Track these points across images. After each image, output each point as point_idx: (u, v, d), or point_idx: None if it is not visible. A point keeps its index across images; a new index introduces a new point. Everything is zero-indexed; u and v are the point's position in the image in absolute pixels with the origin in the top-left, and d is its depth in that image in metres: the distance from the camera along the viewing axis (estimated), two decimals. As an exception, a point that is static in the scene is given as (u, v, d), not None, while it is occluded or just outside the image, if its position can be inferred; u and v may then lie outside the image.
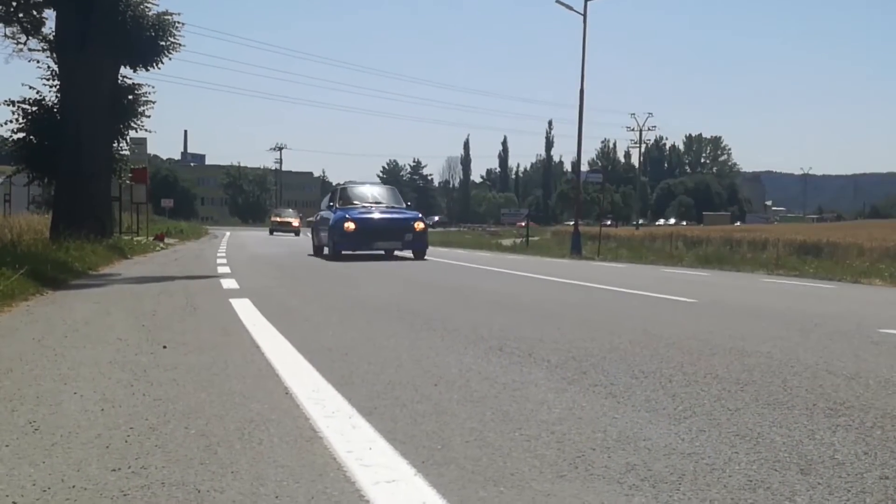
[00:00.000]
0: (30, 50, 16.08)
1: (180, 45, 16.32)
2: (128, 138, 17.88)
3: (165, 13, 16.10)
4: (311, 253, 16.62)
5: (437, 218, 79.49)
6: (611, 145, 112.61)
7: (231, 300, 6.20)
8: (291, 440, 2.23)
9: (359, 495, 1.79)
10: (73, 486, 1.83)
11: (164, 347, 3.86)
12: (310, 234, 16.86)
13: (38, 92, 15.96)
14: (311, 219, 18.98)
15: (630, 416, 2.59)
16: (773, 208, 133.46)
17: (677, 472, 1.99)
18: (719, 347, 4.11)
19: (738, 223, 71.49)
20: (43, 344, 3.95)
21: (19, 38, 15.99)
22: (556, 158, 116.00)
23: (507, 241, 33.52)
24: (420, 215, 15.72)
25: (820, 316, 5.90)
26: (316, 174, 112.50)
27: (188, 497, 1.77)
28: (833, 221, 73.13)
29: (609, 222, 67.45)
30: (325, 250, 15.57)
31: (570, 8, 23.06)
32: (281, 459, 2.05)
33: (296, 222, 40.98)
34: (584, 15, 22.97)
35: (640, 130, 68.04)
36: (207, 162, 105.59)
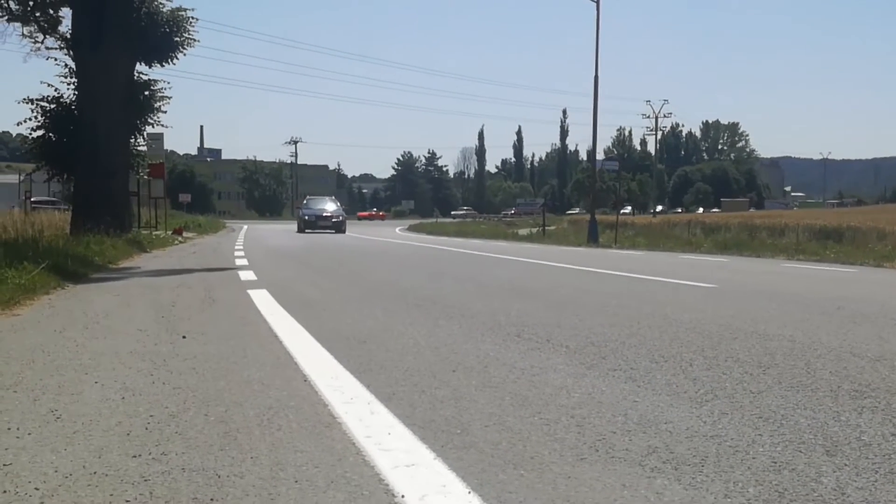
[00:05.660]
0: (47, 48, 16.20)
1: (195, 40, 16.39)
2: (145, 134, 17.98)
3: (179, 9, 16.17)
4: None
5: (465, 209, 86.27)
6: (626, 133, 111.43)
7: (249, 291, 6.23)
8: (310, 426, 2.23)
9: (378, 479, 1.78)
10: (95, 473, 1.84)
11: (184, 338, 3.88)
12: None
13: (56, 89, 16.08)
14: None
15: (651, 399, 2.56)
16: (793, 194, 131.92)
17: (700, 455, 1.96)
18: (740, 331, 4.06)
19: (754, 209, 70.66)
20: (64, 335, 3.98)
21: (36, 36, 16.11)
22: (571, 147, 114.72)
23: (523, 231, 33.43)
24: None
25: (842, 299, 5.82)
26: (331, 167, 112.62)
27: (208, 482, 1.77)
28: (853, 206, 72.03)
29: (660, 209, 66.62)
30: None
31: (584, -6, 22.85)
32: (300, 445, 2.04)
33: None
34: (598, 1, 22.77)
35: (656, 117, 67.34)
36: (224, 157, 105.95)
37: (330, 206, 29.49)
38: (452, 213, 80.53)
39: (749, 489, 1.72)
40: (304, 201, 31.05)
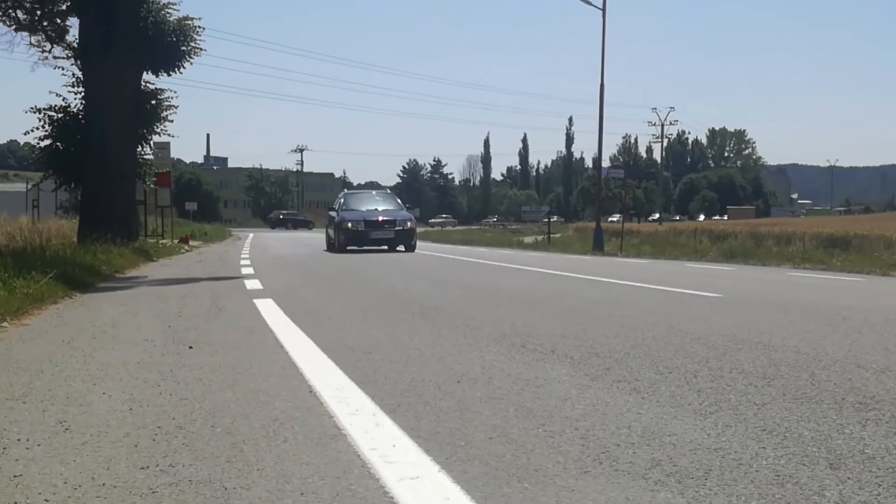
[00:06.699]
0: (55, 58, 16.36)
1: (201, 49, 16.54)
2: (151, 143, 18.09)
3: (186, 18, 16.31)
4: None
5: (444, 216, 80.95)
6: (632, 140, 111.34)
7: (255, 301, 6.26)
8: (316, 438, 2.25)
9: (383, 492, 1.79)
10: (103, 484, 1.86)
11: (190, 348, 3.91)
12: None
13: (63, 99, 16.21)
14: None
15: (655, 411, 2.57)
16: (799, 201, 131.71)
17: (703, 468, 1.97)
18: (745, 342, 4.06)
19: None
20: (72, 345, 4.01)
21: (44, 46, 16.27)
22: (576, 155, 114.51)
23: (528, 239, 33.41)
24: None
25: (848, 309, 5.81)
26: (337, 175, 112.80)
27: (215, 494, 1.79)
28: (861, 214, 71.85)
29: (678, 217, 66.33)
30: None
31: (589, 3, 22.93)
32: (306, 457, 2.06)
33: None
34: (604, 9, 22.83)
35: (662, 125, 67.46)
36: (230, 165, 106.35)
37: (383, 206, 17.54)
38: (430, 220, 71.00)
39: (752, 502, 1.73)
40: (341, 199, 18.20)
